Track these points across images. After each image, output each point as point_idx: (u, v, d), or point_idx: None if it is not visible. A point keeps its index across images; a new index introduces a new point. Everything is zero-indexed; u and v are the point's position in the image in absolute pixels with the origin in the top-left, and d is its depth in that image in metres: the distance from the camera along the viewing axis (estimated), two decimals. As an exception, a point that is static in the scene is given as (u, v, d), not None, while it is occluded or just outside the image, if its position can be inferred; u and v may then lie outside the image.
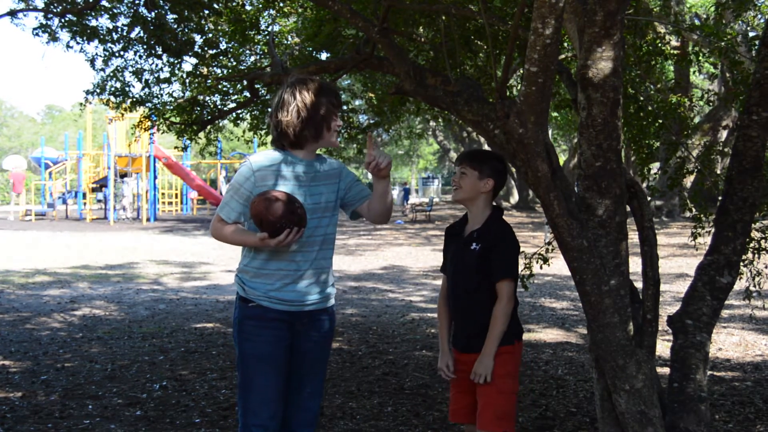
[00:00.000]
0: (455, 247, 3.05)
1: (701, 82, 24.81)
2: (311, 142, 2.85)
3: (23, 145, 61.32)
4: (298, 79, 2.87)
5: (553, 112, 16.32)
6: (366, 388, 5.14)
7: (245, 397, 2.80)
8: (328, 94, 2.85)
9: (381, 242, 18.33)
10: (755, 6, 8.08)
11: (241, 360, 2.82)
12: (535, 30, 2.56)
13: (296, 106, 2.79)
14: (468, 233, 3.00)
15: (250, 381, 2.78)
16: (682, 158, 5.06)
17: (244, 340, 2.81)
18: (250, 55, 8.64)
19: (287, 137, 2.83)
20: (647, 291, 3.05)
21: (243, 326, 2.81)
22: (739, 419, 4.40)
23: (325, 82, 2.95)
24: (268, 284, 2.79)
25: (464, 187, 2.98)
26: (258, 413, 2.76)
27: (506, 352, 2.90)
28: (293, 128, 2.79)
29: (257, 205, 2.70)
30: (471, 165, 2.98)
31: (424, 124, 30.74)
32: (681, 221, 20.57)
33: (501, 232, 2.95)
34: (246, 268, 2.84)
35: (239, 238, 2.80)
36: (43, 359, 6.00)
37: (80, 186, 27.66)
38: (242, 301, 2.83)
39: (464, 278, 2.98)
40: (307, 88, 2.81)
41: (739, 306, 8.17)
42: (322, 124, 2.84)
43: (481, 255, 2.91)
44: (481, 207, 2.99)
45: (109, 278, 11.58)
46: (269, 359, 2.78)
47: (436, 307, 3.29)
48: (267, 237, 2.69)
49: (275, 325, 2.79)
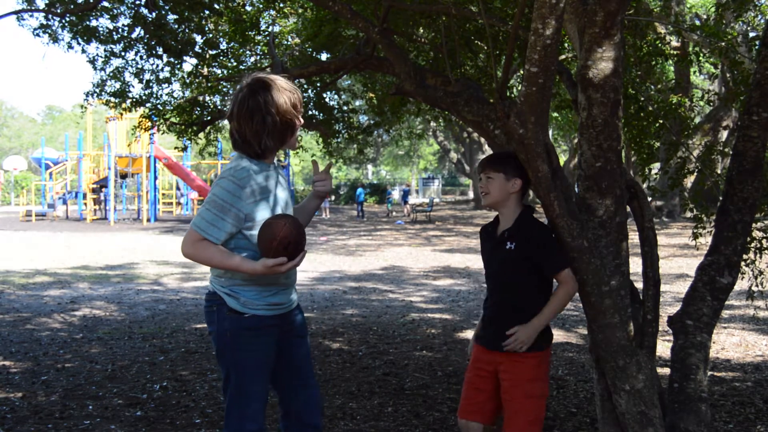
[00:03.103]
0: (489, 247, 3.07)
1: (701, 82, 24.82)
2: (274, 151, 2.74)
3: (23, 146, 61.37)
4: (258, 80, 2.68)
5: (553, 112, 16.34)
6: (366, 388, 5.14)
7: (242, 404, 2.73)
8: (292, 94, 2.70)
9: (381, 243, 18.33)
10: (755, 6, 8.08)
11: (236, 371, 2.73)
12: (535, 30, 2.56)
13: (262, 117, 2.63)
14: (501, 233, 3.00)
15: (247, 389, 2.73)
16: (683, 158, 5.06)
17: (239, 351, 2.71)
18: (251, 55, 8.65)
19: (251, 147, 2.67)
20: (647, 291, 3.05)
21: (239, 338, 2.69)
22: (739, 419, 4.39)
23: (284, 78, 2.75)
24: (264, 292, 2.71)
25: (492, 192, 2.98)
26: (256, 419, 2.75)
27: (535, 357, 2.90)
28: (259, 139, 2.65)
29: (285, 228, 2.56)
30: (495, 168, 2.97)
31: (424, 125, 30.76)
32: (681, 221, 20.58)
33: (536, 228, 2.94)
34: (237, 280, 2.69)
35: (231, 262, 2.60)
36: (43, 360, 6.00)
37: (80, 186, 27.68)
38: (234, 313, 2.69)
39: (499, 277, 3.01)
40: (272, 93, 2.64)
41: (740, 306, 8.17)
42: (287, 131, 2.72)
43: (517, 254, 2.91)
44: (512, 207, 2.98)
45: (109, 279, 11.58)
46: (266, 366, 2.76)
47: (440, 307, 3.30)
48: (286, 261, 2.57)
49: (271, 331, 2.75)
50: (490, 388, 2.98)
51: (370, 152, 45.93)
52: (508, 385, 2.91)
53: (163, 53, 7.10)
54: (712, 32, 5.05)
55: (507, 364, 2.91)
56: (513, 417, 2.89)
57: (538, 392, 2.91)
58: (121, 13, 7.09)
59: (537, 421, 2.90)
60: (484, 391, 3.00)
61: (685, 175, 5.13)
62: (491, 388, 2.98)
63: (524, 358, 2.88)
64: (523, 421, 2.87)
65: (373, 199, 44.89)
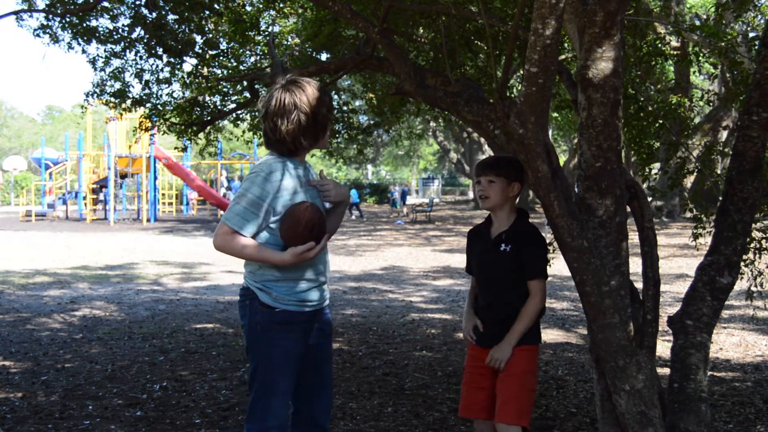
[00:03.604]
0: (481, 249, 3.14)
1: (701, 82, 24.83)
2: (308, 149, 2.84)
3: (23, 146, 61.38)
4: (293, 81, 2.79)
5: (553, 112, 16.34)
6: (366, 388, 5.14)
7: (267, 400, 2.76)
8: (324, 96, 2.80)
9: (381, 243, 18.33)
10: (755, 6, 8.08)
11: (265, 365, 2.77)
12: (535, 30, 2.56)
13: (298, 116, 2.73)
14: (495, 235, 3.08)
15: (275, 384, 2.76)
16: (683, 158, 5.06)
17: (269, 344, 2.76)
18: (251, 55, 8.65)
19: (285, 145, 2.77)
20: (647, 291, 3.05)
21: (269, 331, 2.75)
22: (739, 420, 4.39)
23: (318, 82, 2.89)
24: (296, 288, 2.77)
25: (493, 196, 3.07)
26: (279, 415, 2.77)
27: (530, 350, 3.02)
28: (293, 137, 2.74)
29: (308, 211, 2.67)
30: (496, 173, 3.06)
31: (424, 125, 30.76)
32: (681, 222, 20.58)
33: (530, 233, 3.05)
34: (268, 274, 2.76)
35: (262, 254, 2.69)
36: (43, 360, 6.00)
37: (80, 187, 27.68)
38: (266, 307, 2.75)
39: (494, 279, 3.09)
40: (306, 93, 2.75)
41: (740, 306, 8.17)
42: (320, 130, 2.82)
43: (513, 256, 3.01)
44: (508, 210, 3.09)
45: (109, 279, 11.58)
46: (294, 362, 2.80)
47: (440, 307, 3.32)
48: (314, 246, 2.67)
49: (300, 327, 2.80)
50: (489, 385, 3.07)
51: (370, 152, 45.91)
52: (503, 376, 3.01)
53: (163, 53, 7.09)
54: (712, 32, 5.05)
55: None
56: (504, 405, 2.98)
57: (530, 386, 3.03)
58: (121, 14, 7.09)
59: (526, 411, 3.00)
60: (484, 388, 3.08)
61: (684, 175, 5.13)
62: (490, 384, 3.06)
63: (518, 352, 2.99)
64: (515, 410, 2.96)
65: (372, 200, 44.90)
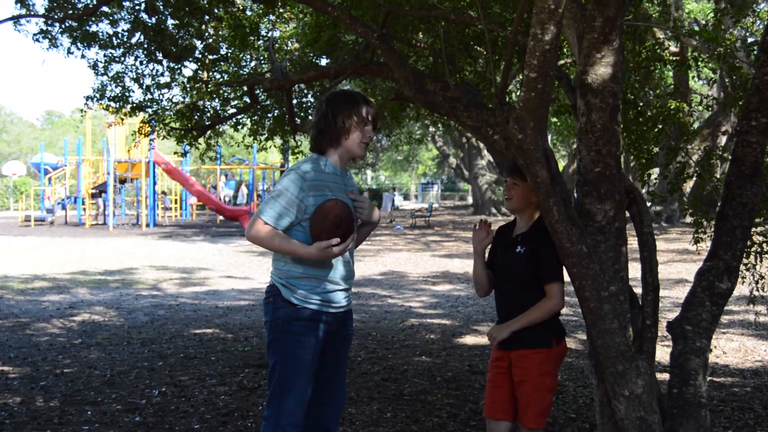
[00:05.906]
0: (502, 248, 3.24)
1: (700, 87, 24.86)
2: (330, 148, 2.97)
3: (23, 151, 61.36)
4: (333, 93, 3.07)
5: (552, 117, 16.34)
6: (365, 393, 5.13)
7: (282, 397, 2.83)
8: (366, 106, 2.98)
9: (380, 248, 18.32)
10: (754, 12, 8.10)
11: (283, 361, 2.85)
12: (534, 36, 2.56)
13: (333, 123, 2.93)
14: (515, 235, 3.19)
15: (292, 382, 2.83)
16: (682, 163, 5.06)
17: (289, 340, 2.84)
18: (250, 60, 8.66)
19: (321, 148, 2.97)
20: (647, 297, 3.05)
21: (292, 328, 2.83)
22: (738, 425, 4.39)
23: (357, 92, 3.10)
24: (319, 287, 2.86)
25: (515, 198, 3.17)
26: (294, 413, 2.83)
27: (540, 353, 3.06)
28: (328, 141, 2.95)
29: (337, 206, 2.79)
30: (521, 177, 3.11)
31: (423, 130, 30.77)
32: (680, 227, 20.58)
33: (546, 236, 3.06)
34: (294, 270, 2.87)
35: (289, 246, 2.81)
36: (42, 365, 5.99)
37: (80, 191, 27.66)
38: (288, 304, 2.85)
39: (509, 279, 3.17)
40: (343, 102, 2.95)
41: (739, 312, 8.17)
42: (340, 132, 2.94)
43: (528, 258, 3.08)
44: (530, 214, 3.18)
45: (108, 284, 11.57)
46: (312, 360, 2.86)
47: (439, 313, 3.36)
48: (339, 242, 2.76)
49: (322, 327, 2.87)
50: (508, 385, 3.14)
51: (369, 157, 45.94)
52: (518, 380, 3.09)
53: (162, 58, 7.10)
54: (711, 37, 5.05)
55: (516, 360, 3.09)
56: (525, 409, 3.07)
57: (546, 387, 3.07)
58: (120, 19, 7.10)
59: (544, 412, 3.08)
60: (503, 388, 3.15)
61: (684, 180, 5.13)
62: (509, 385, 3.13)
63: (531, 353, 3.05)
64: (532, 413, 3.05)
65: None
